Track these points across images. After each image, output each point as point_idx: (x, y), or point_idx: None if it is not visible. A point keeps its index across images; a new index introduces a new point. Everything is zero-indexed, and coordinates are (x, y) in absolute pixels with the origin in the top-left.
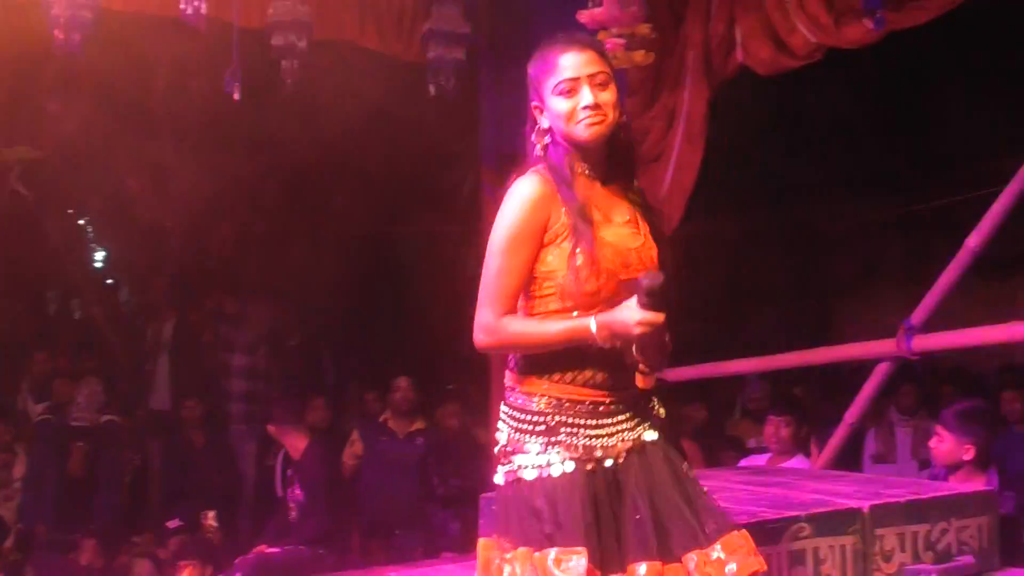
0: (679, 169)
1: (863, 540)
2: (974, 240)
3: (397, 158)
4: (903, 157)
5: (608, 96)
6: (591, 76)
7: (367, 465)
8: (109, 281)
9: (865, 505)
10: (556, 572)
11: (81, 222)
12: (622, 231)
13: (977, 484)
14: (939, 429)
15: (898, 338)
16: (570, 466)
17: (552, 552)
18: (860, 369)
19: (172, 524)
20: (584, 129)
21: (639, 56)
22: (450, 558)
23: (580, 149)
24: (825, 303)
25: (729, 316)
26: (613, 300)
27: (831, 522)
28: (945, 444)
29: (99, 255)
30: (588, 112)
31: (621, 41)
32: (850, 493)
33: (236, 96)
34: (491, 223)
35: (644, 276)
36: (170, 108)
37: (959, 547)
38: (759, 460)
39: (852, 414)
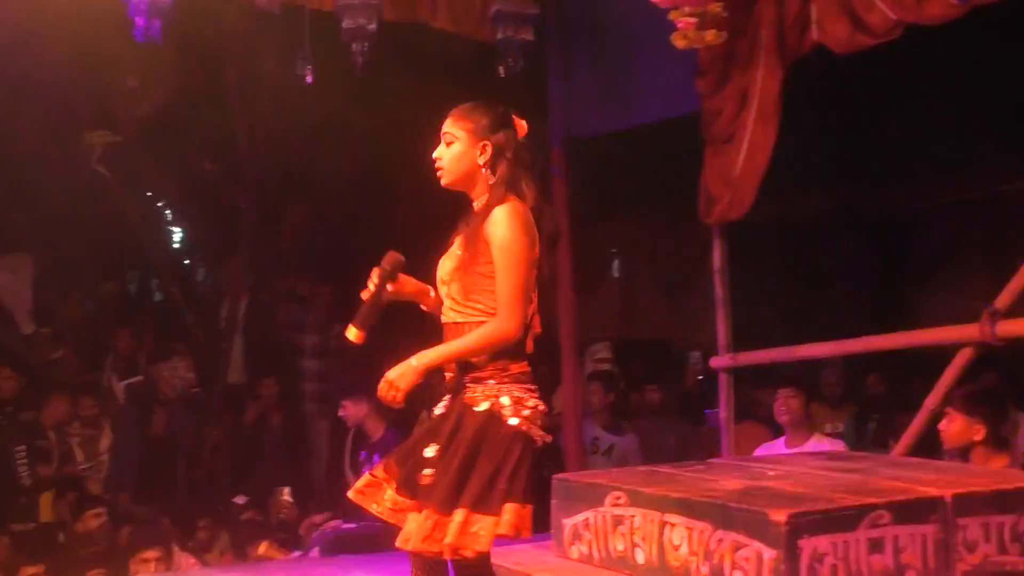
0: (752, 151)
1: (945, 529)
2: None
3: None
4: (985, 136)
5: (447, 152)
6: (442, 134)
7: None
8: (186, 261)
9: (947, 493)
10: None
11: (159, 204)
12: (451, 249)
13: (997, 465)
14: (949, 410)
15: (982, 323)
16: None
17: None
18: (940, 355)
19: (240, 500)
20: None
21: (710, 35)
22: None
23: None
24: (903, 287)
25: (804, 300)
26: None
27: (911, 510)
28: (955, 425)
29: (176, 236)
30: (434, 160)
31: (692, 20)
32: (931, 481)
33: (309, 79)
34: (560, 204)
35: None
36: (244, 92)
37: None
38: (777, 445)
39: (933, 400)
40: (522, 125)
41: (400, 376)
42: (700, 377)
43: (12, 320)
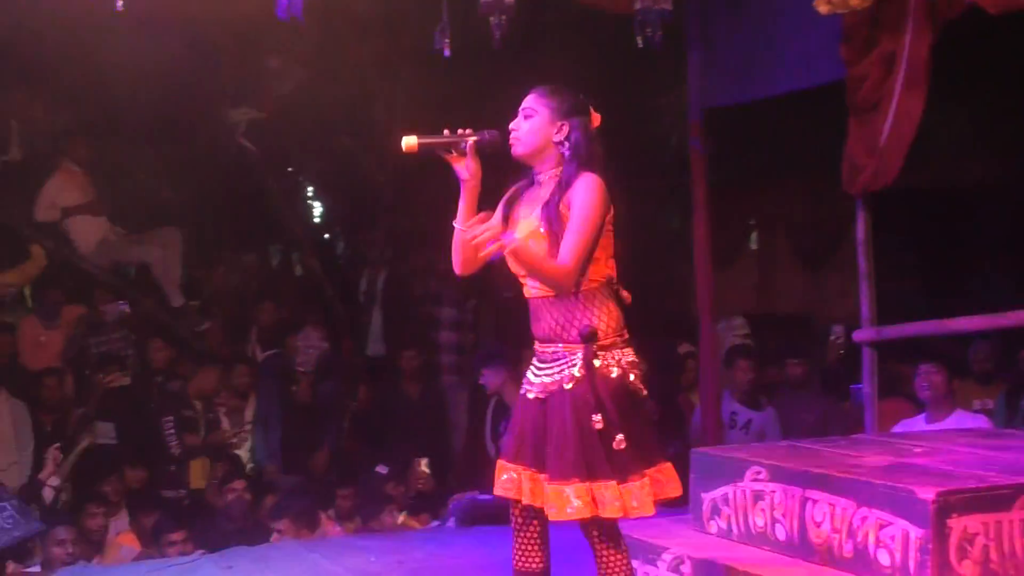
0: (899, 118)
1: None
2: None
3: (601, 112)
4: None
5: (525, 124)
6: (522, 108)
7: None
8: (326, 235)
9: None
10: None
11: (300, 178)
12: (522, 224)
13: None
14: None
15: None
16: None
17: None
18: None
19: (382, 470)
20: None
21: (856, 0)
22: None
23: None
24: None
25: (953, 272)
26: (522, 278)
27: None
28: None
29: (317, 210)
30: (510, 131)
31: None
32: None
33: (446, 53)
34: (698, 176)
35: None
36: (382, 67)
37: None
38: (918, 422)
39: None
40: (596, 117)
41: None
42: (842, 352)
43: (162, 293)
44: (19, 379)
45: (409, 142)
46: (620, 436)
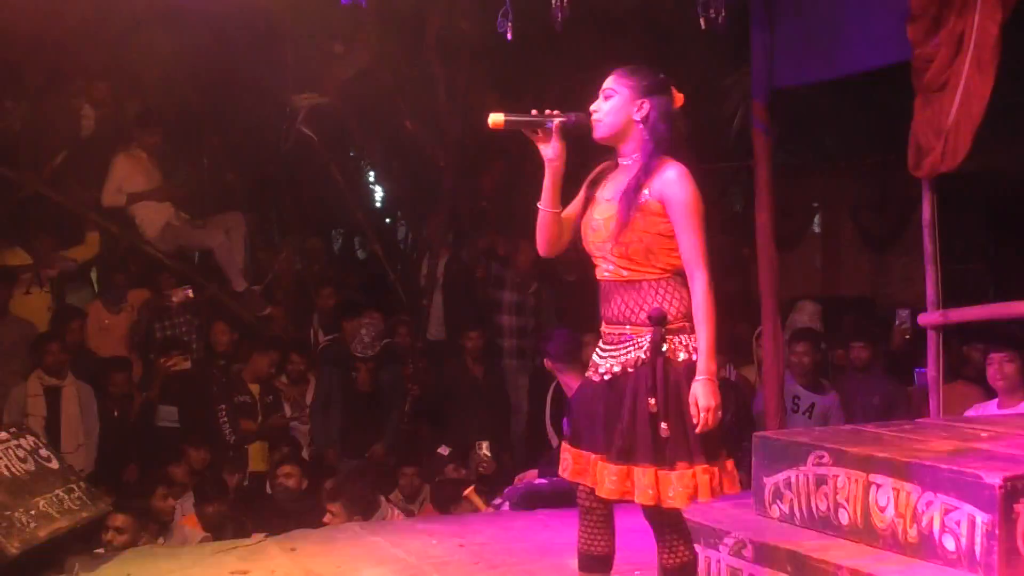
0: (967, 98)
1: None
2: None
3: None
4: None
5: (605, 105)
6: (602, 90)
7: None
8: (387, 220)
9: None
10: None
11: (362, 163)
12: (603, 206)
13: None
14: None
15: None
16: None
17: None
18: None
19: (443, 451)
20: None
21: None
22: None
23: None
24: None
25: (1018, 254)
26: (597, 260)
27: None
28: None
29: (378, 195)
30: (591, 113)
31: None
32: None
33: (509, 36)
34: (761, 158)
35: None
36: (444, 51)
37: None
38: (989, 407)
39: None
40: (679, 96)
41: (708, 397)
42: (907, 336)
43: (225, 278)
44: (86, 363)
45: (496, 119)
46: (664, 425)
